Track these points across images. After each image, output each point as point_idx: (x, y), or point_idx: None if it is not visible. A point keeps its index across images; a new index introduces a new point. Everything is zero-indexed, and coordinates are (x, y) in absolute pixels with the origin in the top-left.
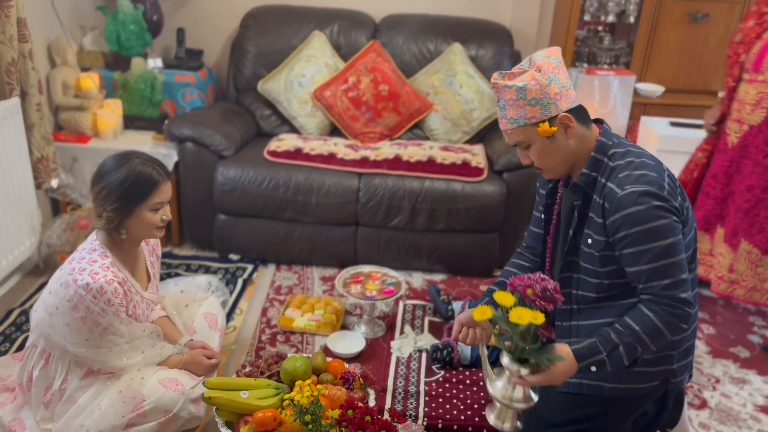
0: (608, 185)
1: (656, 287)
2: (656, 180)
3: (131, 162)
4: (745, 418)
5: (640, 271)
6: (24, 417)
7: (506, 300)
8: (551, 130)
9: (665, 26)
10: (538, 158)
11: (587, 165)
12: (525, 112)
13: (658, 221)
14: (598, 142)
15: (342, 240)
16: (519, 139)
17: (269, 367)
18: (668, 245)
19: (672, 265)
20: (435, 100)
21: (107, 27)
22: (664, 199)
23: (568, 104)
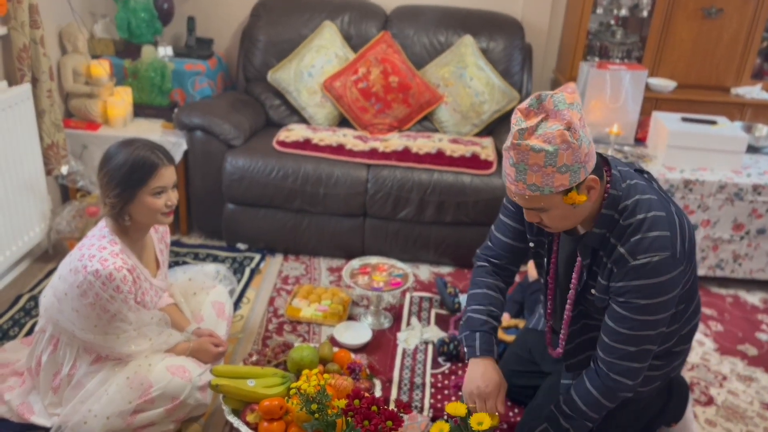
0: (619, 250)
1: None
2: (669, 241)
3: (131, 147)
4: (752, 416)
5: (614, 329)
6: (32, 401)
7: (459, 410)
8: (580, 198)
9: (678, 21)
10: (554, 223)
11: (597, 223)
12: (552, 180)
13: (661, 297)
14: (609, 196)
15: (350, 231)
16: (538, 206)
17: (276, 356)
18: (652, 321)
19: (644, 337)
20: (445, 92)
21: (118, 14)
22: (676, 268)
23: (593, 164)
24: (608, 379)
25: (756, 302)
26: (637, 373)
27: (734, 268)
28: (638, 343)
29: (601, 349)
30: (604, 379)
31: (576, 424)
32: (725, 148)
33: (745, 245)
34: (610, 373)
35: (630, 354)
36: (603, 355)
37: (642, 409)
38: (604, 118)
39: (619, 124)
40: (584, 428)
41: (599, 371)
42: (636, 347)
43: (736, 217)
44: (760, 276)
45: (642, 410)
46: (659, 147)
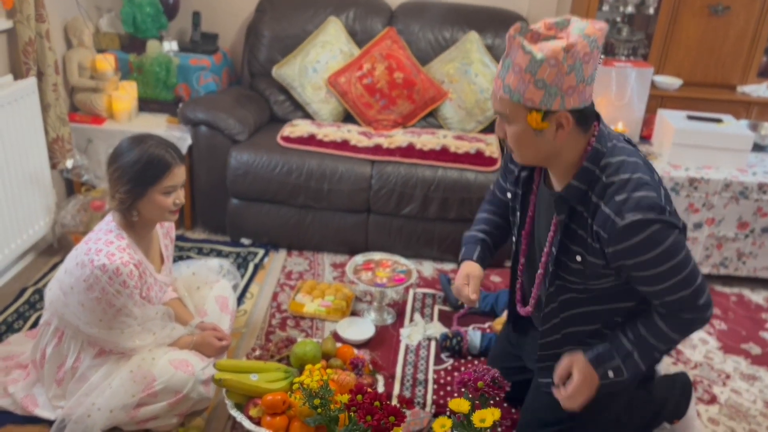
0: (603, 209)
1: (675, 302)
2: (656, 201)
3: (145, 144)
4: (755, 415)
5: (656, 291)
6: (36, 393)
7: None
8: (541, 124)
9: (685, 18)
10: (513, 142)
11: (577, 176)
12: (525, 89)
13: (665, 244)
14: (592, 148)
15: (353, 227)
16: (503, 111)
17: (279, 351)
18: (679, 261)
19: (687, 278)
20: (450, 88)
21: (123, 9)
22: (668, 221)
23: (577, 103)
24: (675, 317)
25: (760, 301)
26: (704, 307)
27: (738, 266)
28: (685, 286)
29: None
30: (672, 318)
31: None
32: (731, 146)
33: (749, 243)
34: (681, 316)
35: (684, 299)
36: (662, 309)
37: (642, 404)
38: (610, 115)
39: (624, 122)
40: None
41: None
42: (686, 291)
43: (741, 216)
44: (764, 274)
45: (642, 405)
46: (664, 145)
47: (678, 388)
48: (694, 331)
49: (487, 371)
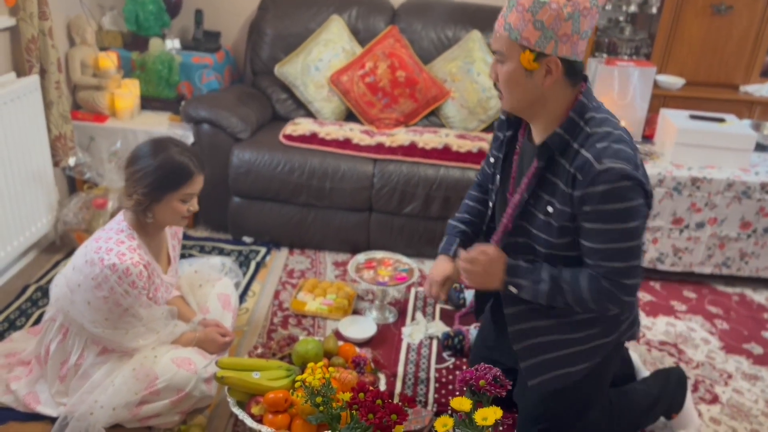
0: (583, 153)
1: (605, 268)
2: (633, 159)
3: (169, 150)
4: (757, 414)
5: (594, 248)
6: (39, 390)
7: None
8: (532, 64)
9: (688, 17)
10: (504, 81)
11: (563, 125)
12: (524, 27)
13: (629, 203)
14: (579, 102)
15: (355, 225)
16: (500, 49)
17: (281, 349)
18: (631, 228)
19: (627, 250)
20: (452, 87)
21: (126, 7)
22: (639, 181)
23: (568, 52)
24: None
25: (762, 301)
26: (628, 290)
27: (741, 266)
28: (621, 257)
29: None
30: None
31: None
32: (733, 146)
33: (752, 243)
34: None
35: (616, 270)
36: (595, 272)
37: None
38: None
39: (626, 121)
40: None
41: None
42: (620, 262)
43: (744, 215)
44: (766, 274)
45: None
46: (667, 144)
47: (673, 382)
48: (604, 308)
49: (488, 369)
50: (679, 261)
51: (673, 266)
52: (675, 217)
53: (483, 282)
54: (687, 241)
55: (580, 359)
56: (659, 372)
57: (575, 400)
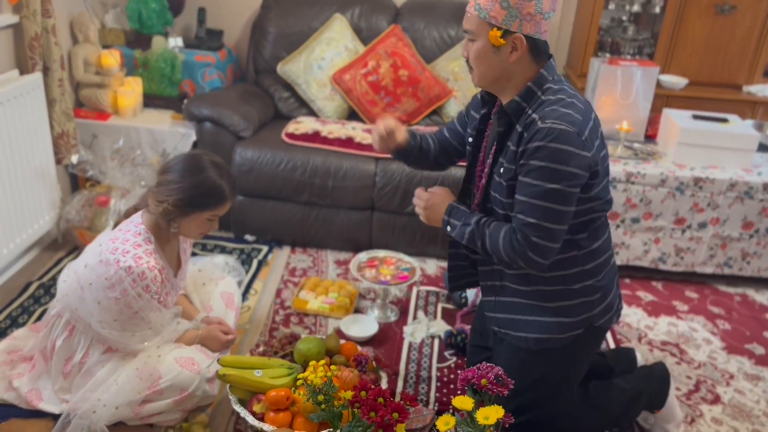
0: (532, 115)
1: (519, 221)
2: (578, 123)
3: (209, 170)
4: (758, 415)
5: (518, 200)
6: (41, 387)
7: (465, 404)
8: (499, 41)
9: (691, 17)
10: (474, 57)
11: (520, 93)
12: (492, 7)
13: (557, 164)
14: (539, 74)
15: (357, 224)
16: (471, 28)
17: (283, 348)
18: (552, 189)
19: (545, 208)
20: (455, 86)
21: (129, 5)
22: (577, 146)
23: (533, 31)
24: (515, 239)
25: (764, 301)
26: (537, 249)
27: (743, 266)
28: (537, 214)
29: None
30: (512, 236)
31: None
32: (736, 146)
33: (754, 244)
34: (516, 235)
35: (529, 225)
36: (514, 223)
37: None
38: (615, 114)
39: (629, 121)
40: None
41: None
42: (535, 219)
43: (746, 216)
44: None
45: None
46: (670, 144)
47: (655, 379)
48: (513, 261)
49: (490, 368)
50: (681, 261)
51: (675, 266)
52: (677, 217)
53: (428, 218)
54: (689, 241)
55: (543, 329)
56: (643, 368)
57: (547, 375)
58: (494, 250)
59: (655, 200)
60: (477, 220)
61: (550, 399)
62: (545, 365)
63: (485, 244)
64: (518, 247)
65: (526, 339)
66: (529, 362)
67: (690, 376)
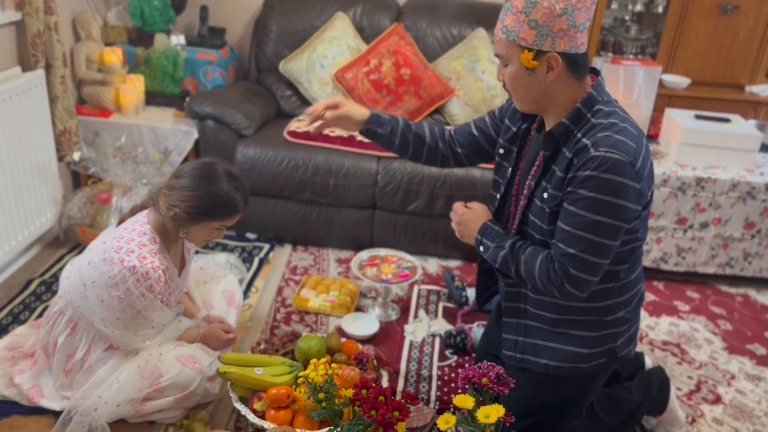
0: (583, 140)
1: (560, 250)
2: (633, 152)
3: (222, 181)
4: (759, 415)
5: (559, 228)
6: (43, 384)
7: (466, 402)
8: (532, 63)
9: (694, 17)
10: (509, 82)
11: (568, 116)
12: (520, 28)
13: (608, 197)
14: (588, 94)
15: (359, 223)
16: (501, 52)
17: (284, 346)
18: (598, 222)
19: (588, 241)
20: (457, 85)
21: (131, 2)
22: (630, 177)
23: (567, 47)
24: (552, 269)
25: (766, 301)
26: (574, 281)
27: (744, 266)
28: (579, 246)
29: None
30: (549, 264)
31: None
32: (738, 146)
33: (755, 244)
34: (553, 264)
35: (569, 256)
36: (553, 252)
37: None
38: None
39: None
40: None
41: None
42: (576, 250)
43: (748, 216)
44: None
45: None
46: (672, 144)
47: (655, 388)
48: (551, 292)
49: (491, 367)
50: (682, 261)
51: (676, 266)
52: (679, 216)
53: (461, 234)
54: (691, 241)
55: (567, 357)
56: (643, 376)
57: (559, 399)
58: (529, 278)
59: (657, 200)
60: (512, 244)
61: (557, 420)
62: (560, 389)
63: (519, 271)
64: (555, 278)
65: (547, 366)
66: (544, 385)
67: (691, 376)
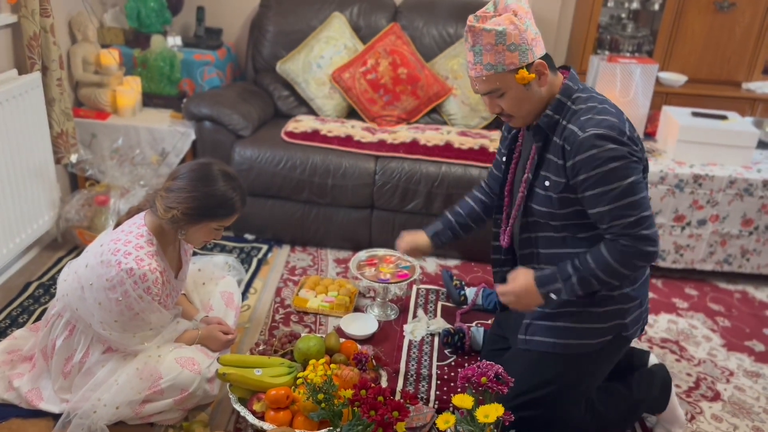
0: (569, 127)
1: (618, 226)
2: (617, 125)
3: (219, 181)
4: (758, 412)
5: (602, 212)
6: (42, 387)
7: (465, 402)
8: (529, 76)
9: (690, 14)
10: (512, 106)
11: (551, 107)
12: (504, 57)
13: (617, 162)
14: (564, 85)
15: (357, 222)
16: (494, 87)
17: (283, 346)
18: (628, 185)
19: (633, 203)
20: (454, 84)
21: (128, 4)
22: (623, 143)
23: (541, 51)
24: (619, 245)
25: (764, 298)
26: (647, 240)
27: (742, 263)
28: (631, 211)
29: (604, 233)
30: (617, 245)
31: (582, 276)
32: (735, 143)
33: (753, 241)
34: (619, 239)
35: (630, 224)
36: (608, 236)
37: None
38: None
39: (628, 118)
40: (588, 283)
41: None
42: (633, 216)
43: (746, 213)
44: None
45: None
46: (669, 141)
47: (656, 388)
48: (636, 266)
49: (490, 366)
50: (680, 258)
51: (674, 263)
52: (677, 214)
53: (526, 305)
54: (689, 239)
55: (575, 334)
56: (644, 373)
57: (563, 377)
58: (611, 274)
59: (655, 197)
60: (575, 266)
61: (556, 401)
62: (564, 368)
63: (599, 276)
64: (633, 250)
65: (554, 344)
66: (549, 361)
67: (690, 373)
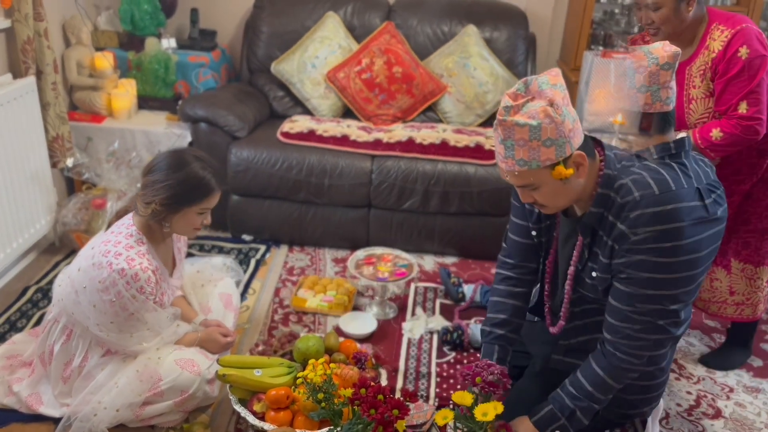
0: (619, 227)
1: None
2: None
3: (192, 164)
4: (760, 427)
5: (618, 308)
6: (42, 391)
7: (465, 399)
8: (567, 172)
9: None
10: (548, 200)
11: (594, 202)
12: (539, 154)
13: (670, 257)
14: (603, 175)
15: (354, 222)
16: (528, 182)
17: (282, 346)
18: (657, 296)
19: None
20: (449, 82)
21: (121, 6)
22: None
23: (579, 140)
24: (614, 359)
25: None
26: (642, 352)
27: None
28: (642, 320)
29: (606, 330)
30: (611, 359)
31: (583, 406)
32: None
33: None
34: (616, 353)
35: (634, 334)
36: (609, 336)
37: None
38: (608, 108)
39: (623, 114)
40: (591, 410)
41: (606, 352)
42: (641, 325)
43: None
44: None
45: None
46: None
47: None
48: (624, 379)
49: (487, 367)
50: None
51: None
52: None
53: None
54: None
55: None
56: None
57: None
58: (606, 391)
59: None
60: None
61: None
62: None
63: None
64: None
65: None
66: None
67: (690, 391)
